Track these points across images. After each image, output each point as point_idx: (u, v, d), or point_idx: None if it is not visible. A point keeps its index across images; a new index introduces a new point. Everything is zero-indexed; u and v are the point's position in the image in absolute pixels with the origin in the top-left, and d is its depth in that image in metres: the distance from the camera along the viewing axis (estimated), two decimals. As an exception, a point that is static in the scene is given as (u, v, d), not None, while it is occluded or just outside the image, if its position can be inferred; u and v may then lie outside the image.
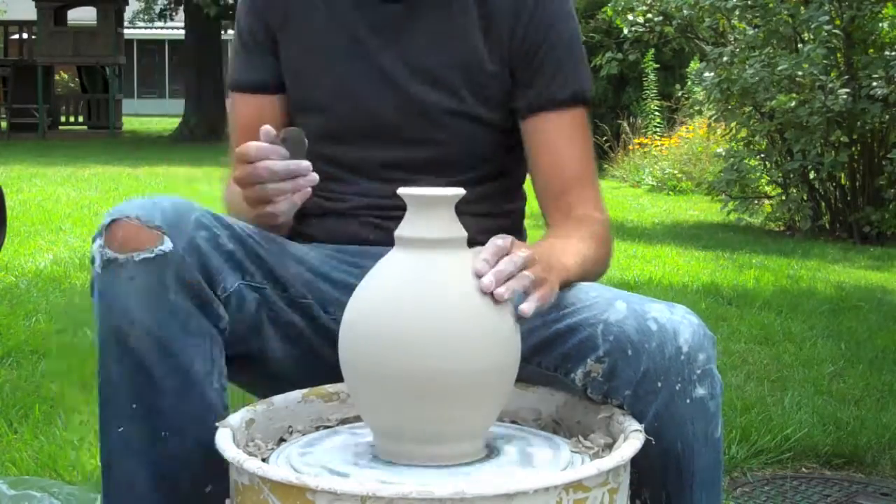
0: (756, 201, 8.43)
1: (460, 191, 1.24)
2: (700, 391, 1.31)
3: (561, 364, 1.38)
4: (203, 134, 19.05)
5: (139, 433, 1.33)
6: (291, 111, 1.68)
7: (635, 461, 1.26)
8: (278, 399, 1.40)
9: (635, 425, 1.28)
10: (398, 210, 1.25)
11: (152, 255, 1.32)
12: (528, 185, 1.73)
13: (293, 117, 1.67)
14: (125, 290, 1.31)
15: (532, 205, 1.71)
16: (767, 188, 8.56)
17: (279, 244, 1.53)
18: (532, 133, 1.61)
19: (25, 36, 21.14)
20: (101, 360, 1.34)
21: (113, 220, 1.34)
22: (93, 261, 1.35)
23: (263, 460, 1.26)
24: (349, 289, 1.28)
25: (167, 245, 1.33)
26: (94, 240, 1.36)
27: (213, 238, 1.40)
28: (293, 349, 1.49)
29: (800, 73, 7.25)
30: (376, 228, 1.60)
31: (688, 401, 1.31)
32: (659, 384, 1.30)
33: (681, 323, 1.33)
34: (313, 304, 1.51)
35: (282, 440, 1.38)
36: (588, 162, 1.63)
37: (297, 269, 1.52)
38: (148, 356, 1.32)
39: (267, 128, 1.43)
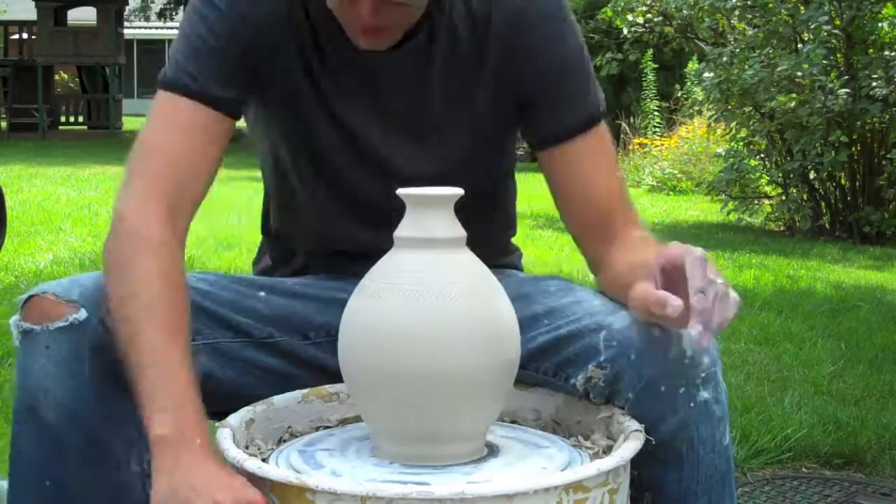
0: (756, 201, 8.43)
1: (459, 191, 1.24)
2: (704, 394, 1.30)
3: (560, 370, 1.38)
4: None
5: None
6: (269, 170, 1.59)
7: (638, 464, 1.26)
8: (278, 399, 1.40)
9: (635, 425, 1.28)
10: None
11: (67, 323, 1.30)
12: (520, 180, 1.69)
13: (269, 174, 1.59)
14: (41, 360, 1.30)
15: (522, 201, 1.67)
16: (767, 188, 8.56)
17: (243, 285, 1.49)
18: (552, 164, 1.50)
19: (25, 36, 21.12)
20: (14, 433, 1.31)
21: (30, 297, 1.34)
22: (13, 338, 1.33)
23: (263, 460, 1.26)
24: (333, 304, 1.26)
25: (82, 315, 1.30)
26: (12, 317, 1.34)
27: None
28: (271, 389, 1.43)
29: (799, 73, 7.25)
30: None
31: (691, 404, 1.30)
32: (662, 388, 1.29)
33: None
34: (281, 342, 1.48)
35: (281, 440, 1.38)
36: (618, 180, 1.51)
37: (261, 305, 1.48)
38: (60, 429, 1.28)
39: None
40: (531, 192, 5.28)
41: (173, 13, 24.78)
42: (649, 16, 9.27)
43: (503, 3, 1.45)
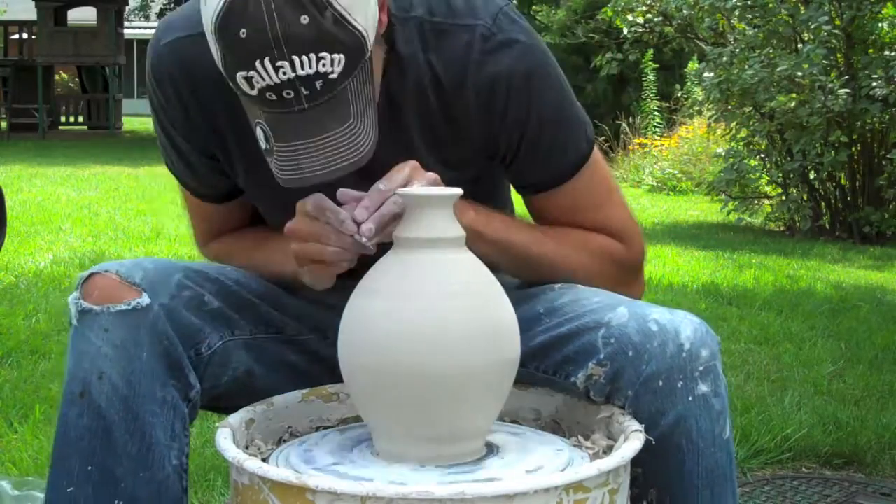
0: (756, 201, 8.43)
1: (458, 191, 1.24)
2: (703, 388, 1.31)
3: (560, 368, 1.38)
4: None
5: (90, 500, 1.28)
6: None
7: (641, 461, 1.26)
8: (278, 399, 1.40)
9: (635, 425, 1.28)
10: None
11: (129, 307, 1.31)
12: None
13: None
14: (98, 341, 1.30)
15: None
16: (767, 188, 8.56)
17: (271, 281, 1.50)
18: (539, 209, 1.50)
19: (25, 36, 21.12)
20: (62, 414, 1.31)
21: (91, 274, 1.34)
22: (69, 316, 1.34)
23: (263, 460, 1.26)
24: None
25: (144, 300, 1.32)
26: (71, 294, 1.34)
27: (197, 297, 1.39)
28: (292, 386, 1.46)
29: (799, 73, 7.25)
30: None
31: (690, 398, 1.30)
32: (661, 382, 1.30)
33: (682, 322, 1.33)
34: (308, 339, 1.50)
35: (282, 440, 1.38)
36: (603, 209, 1.49)
37: (293, 302, 1.50)
38: (111, 414, 1.28)
39: (343, 192, 1.29)
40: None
41: (173, 13, 24.82)
42: (649, 16, 9.27)
43: (474, 70, 1.37)
